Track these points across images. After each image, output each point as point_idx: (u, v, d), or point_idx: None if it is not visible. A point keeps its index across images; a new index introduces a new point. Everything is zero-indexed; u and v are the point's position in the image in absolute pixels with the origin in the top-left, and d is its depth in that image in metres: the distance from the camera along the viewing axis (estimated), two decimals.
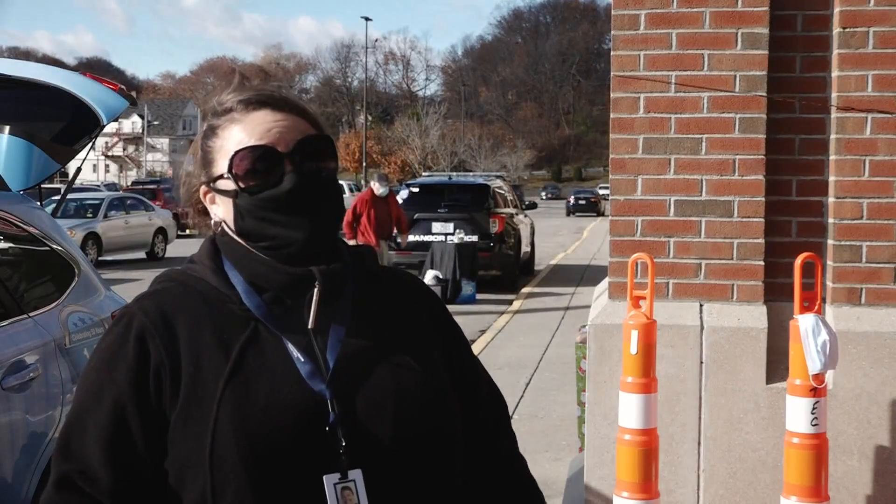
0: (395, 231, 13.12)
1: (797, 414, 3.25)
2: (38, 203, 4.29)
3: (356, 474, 1.30)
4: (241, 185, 1.38)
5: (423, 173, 30.04)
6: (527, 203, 20.65)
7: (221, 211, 1.43)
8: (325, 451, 1.30)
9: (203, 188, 1.45)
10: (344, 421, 1.31)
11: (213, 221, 1.46)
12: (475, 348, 9.07)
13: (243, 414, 1.29)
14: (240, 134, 1.39)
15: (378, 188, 12.64)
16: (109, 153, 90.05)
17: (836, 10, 3.68)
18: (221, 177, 1.40)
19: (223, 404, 1.29)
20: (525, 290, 14.77)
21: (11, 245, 4.01)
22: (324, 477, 1.29)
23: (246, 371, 1.32)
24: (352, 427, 1.32)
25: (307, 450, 1.29)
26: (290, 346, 1.35)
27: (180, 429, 1.30)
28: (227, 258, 1.42)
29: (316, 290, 1.37)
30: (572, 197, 51.83)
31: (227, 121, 1.41)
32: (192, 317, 1.36)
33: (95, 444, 1.32)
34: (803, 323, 3.22)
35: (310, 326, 1.36)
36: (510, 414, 6.95)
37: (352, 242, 11.98)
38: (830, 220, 3.73)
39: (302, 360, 1.34)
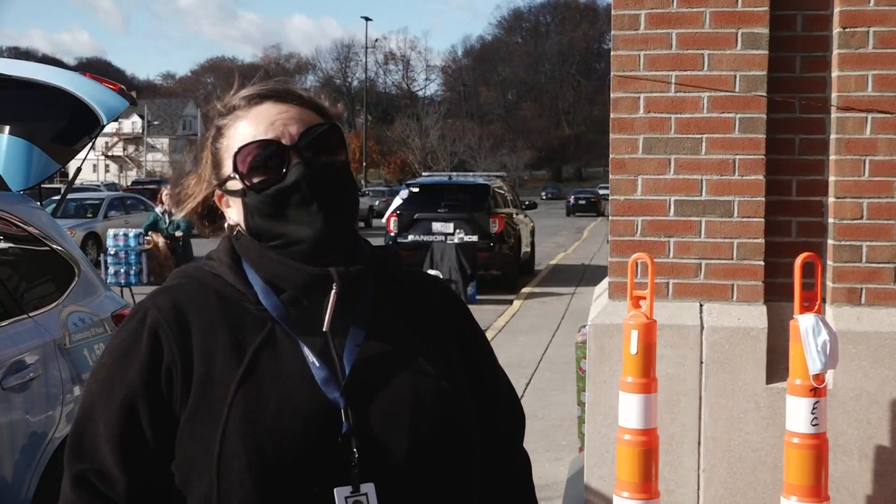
0: None
1: (797, 414, 3.25)
2: (38, 203, 4.29)
3: (369, 488, 1.24)
4: (247, 182, 1.32)
5: (423, 173, 29.98)
6: (527, 203, 20.63)
7: (235, 213, 1.37)
8: (336, 461, 1.24)
9: (217, 192, 1.39)
10: (357, 431, 1.25)
11: (227, 224, 1.40)
12: None
13: (253, 419, 1.23)
14: (245, 130, 1.34)
15: None
16: (109, 153, 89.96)
17: (836, 10, 3.68)
18: (230, 177, 1.35)
19: (233, 408, 1.23)
20: (525, 290, 14.77)
21: (11, 245, 4.00)
22: (335, 490, 1.23)
23: (259, 374, 1.26)
24: (365, 438, 1.25)
25: (318, 460, 1.23)
26: (306, 350, 1.29)
27: (188, 431, 1.25)
28: (244, 258, 1.36)
29: (333, 291, 1.29)
30: (572, 197, 51.69)
31: (232, 119, 1.36)
32: (206, 315, 1.31)
33: (107, 443, 1.27)
34: (803, 323, 3.21)
35: (325, 329, 1.29)
36: None
37: None
38: (830, 220, 3.73)
39: (317, 364, 1.28)
